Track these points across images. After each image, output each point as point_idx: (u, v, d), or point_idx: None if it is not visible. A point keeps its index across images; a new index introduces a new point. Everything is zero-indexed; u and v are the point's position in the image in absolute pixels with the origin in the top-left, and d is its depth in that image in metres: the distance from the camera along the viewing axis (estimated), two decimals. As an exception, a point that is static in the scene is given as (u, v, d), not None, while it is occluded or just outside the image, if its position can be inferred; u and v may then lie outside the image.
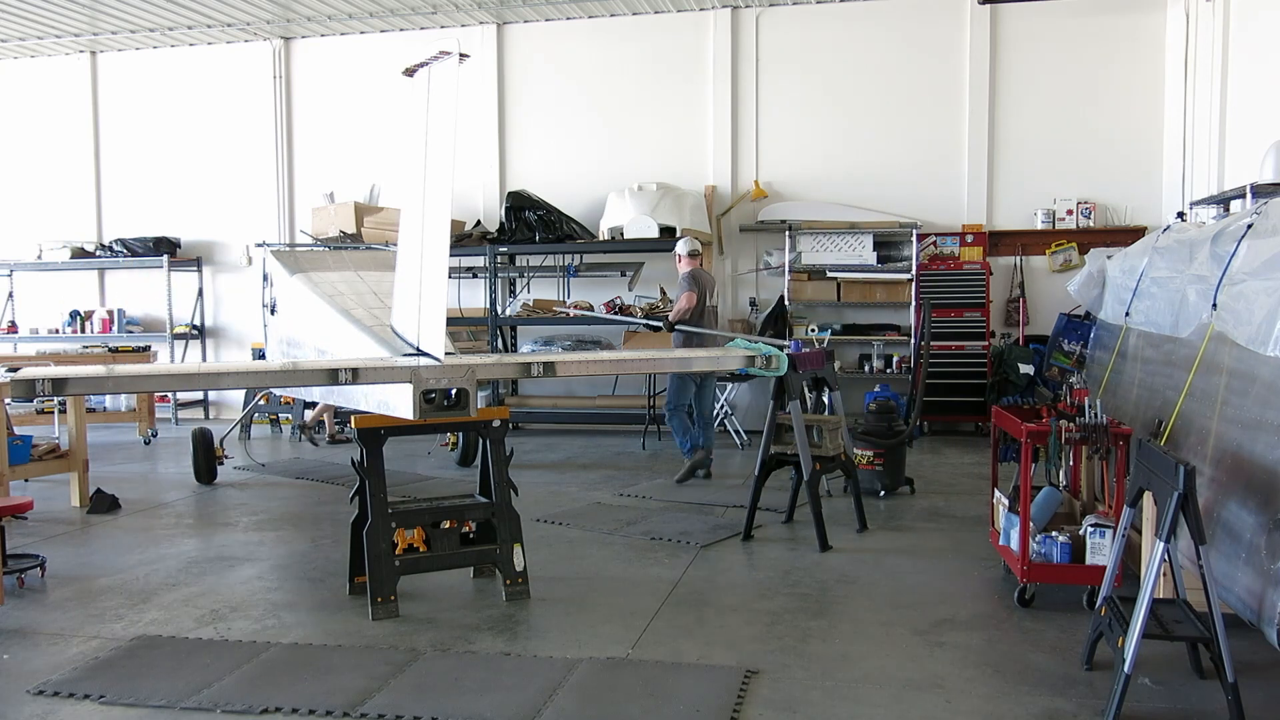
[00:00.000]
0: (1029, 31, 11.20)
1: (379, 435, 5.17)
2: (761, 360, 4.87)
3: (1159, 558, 3.79)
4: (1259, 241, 4.38)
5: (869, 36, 11.52)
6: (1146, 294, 6.42)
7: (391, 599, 5.06)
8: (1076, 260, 10.90)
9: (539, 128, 12.41)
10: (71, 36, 12.80)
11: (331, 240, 11.55)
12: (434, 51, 4.35)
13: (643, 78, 12.05)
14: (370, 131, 12.56)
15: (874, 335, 11.40)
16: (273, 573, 5.94)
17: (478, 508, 5.41)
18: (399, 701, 3.97)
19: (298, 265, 7.19)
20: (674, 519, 7.14)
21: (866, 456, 7.77)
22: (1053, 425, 5.11)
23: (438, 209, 4.32)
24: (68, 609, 5.25)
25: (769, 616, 5.03)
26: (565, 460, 9.93)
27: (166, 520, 7.40)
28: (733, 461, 9.72)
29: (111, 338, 12.94)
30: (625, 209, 11.11)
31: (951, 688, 4.10)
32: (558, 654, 4.49)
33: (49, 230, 13.44)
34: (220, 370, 6.94)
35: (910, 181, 11.43)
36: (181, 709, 3.94)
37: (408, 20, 12.18)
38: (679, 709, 3.89)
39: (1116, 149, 11.02)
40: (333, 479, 8.83)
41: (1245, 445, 4.18)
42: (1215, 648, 3.67)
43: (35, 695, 4.09)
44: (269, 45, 12.96)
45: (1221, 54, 9.43)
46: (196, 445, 8.73)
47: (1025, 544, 5.04)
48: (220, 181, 13.22)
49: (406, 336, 4.60)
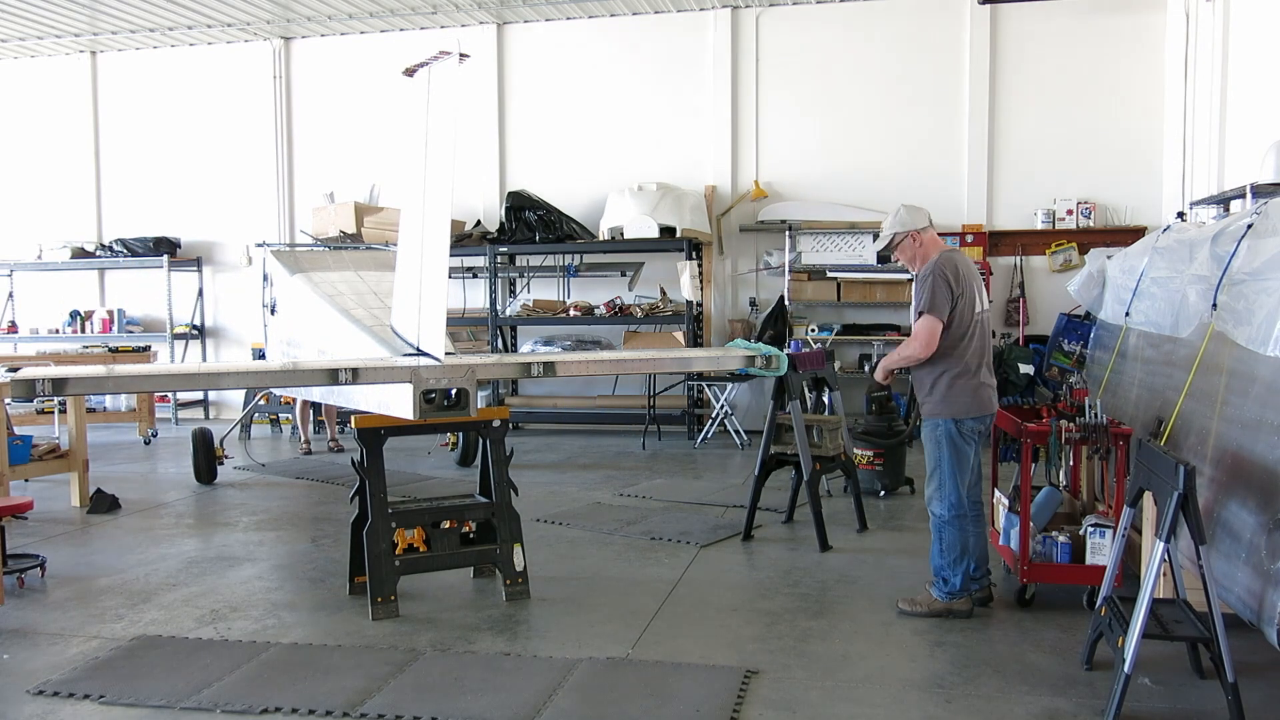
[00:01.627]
0: (1029, 31, 11.19)
1: (379, 435, 5.17)
2: (761, 360, 4.87)
3: (1159, 558, 3.79)
4: (1259, 241, 4.37)
5: (869, 36, 11.51)
6: (1146, 294, 6.42)
7: (391, 599, 5.06)
8: (1076, 260, 10.89)
9: (539, 127, 12.41)
10: (71, 36, 12.79)
11: (332, 240, 11.55)
12: (434, 51, 4.35)
13: (642, 78, 12.05)
14: (370, 131, 12.56)
15: (874, 335, 11.39)
16: (273, 573, 5.94)
17: (478, 508, 5.41)
18: (399, 701, 3.97)
19: (298, 265, 7.19)
20: (674, 519, 7.14)
21: (866, 456, 7.77)
22: (1053, 425, 5.11)
23: (438, 209, 4.32)
24: (68, 609, 5.25)
25: (769, 616, 5.03)
26: (565, 460, 9.94)
27: (166, 520, 7.40)
28: (733, 461, 9.72)
29: (111, 338, 12.94)
30: (625, 209, 11.11)
31: (951, 688, 4.10)
32: (558, 654, 4.49)
33: (49, 230, 13.44)
34: (220, 370, 6.95)
35: (910, 181, 11.41)
36: (181, 709, 3.95)
37: (408, 20, 12.17)
38: (679, 709, 3.89)
39: (1116, 149, 11.02)
40: (333, 479, 8.83)
41: (1245, 445, 4.17)
42: (1215, 648, 3.68)
43: (35, 695, 4.10)
44: (269, 45, 12.95)
45: (1221, 54, 9.42)
46: (197, 445, 8.72)
47: (1025, 544, 5.04)
48: (220, 181, 13.22)
49: (406, 336, 4.60)
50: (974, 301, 4.96)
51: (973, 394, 4.92)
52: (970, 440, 4.94)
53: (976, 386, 4.93)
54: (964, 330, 4.90)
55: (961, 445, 4.91)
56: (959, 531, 4.90)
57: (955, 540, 4.90)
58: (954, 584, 4.92)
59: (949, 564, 4.92)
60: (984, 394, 4.97)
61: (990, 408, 5.03)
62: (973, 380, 4.92)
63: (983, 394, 4.96)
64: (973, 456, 4.98)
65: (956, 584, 4.91)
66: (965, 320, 4.91)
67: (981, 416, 4.97)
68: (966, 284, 4.93)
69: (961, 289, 4.88)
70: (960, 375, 4.90)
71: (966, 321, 4.91)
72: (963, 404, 4.90)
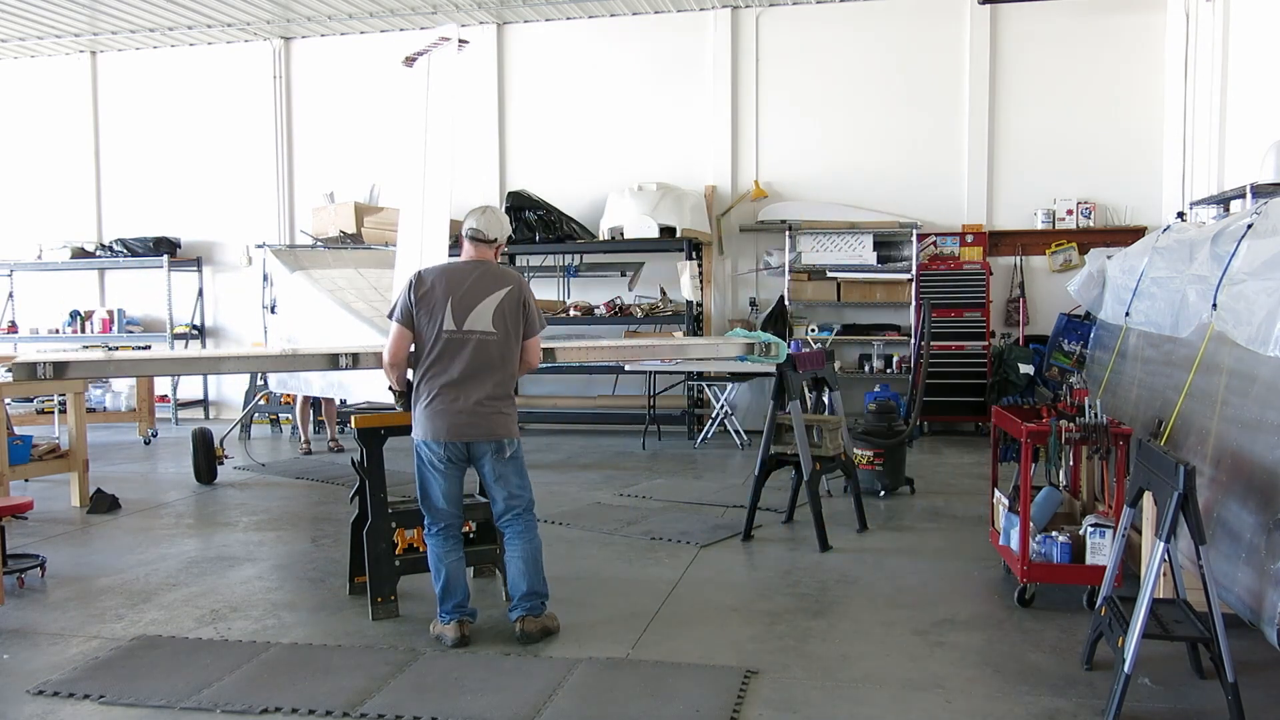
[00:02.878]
0: (1029, 31, 11.19)
1: (379, 435, 5.16)
2: (760, 347, 4.87)
3: (1159, 558, 3.79)
4: (1259, 241, 4.38)
5: (869, 36, 11.51)
6: (1146, 294, 6.42)
7: (391, 599, 5.06)
8: (1076, 260, 10.89)
9: (539, 128, 12.41)
10: (71, 36, 12.79)
11: (332, 241, 11.55)
12: (433, 39, 4.34)
13: (642, 78, 12.05)
14: (370, 131, 12.56)
15: (874, 335, 11.40)
16: (273, 573, 5.94)
17: (478, 508, 5.40)
18: (399, 701, 3.97)
19: (298, 263, 7.20)
20: (674, 519, 7.14)
21: (866, 456, 7.77)
22: (1053, 425, 5.11)
23: (437, 195, 4.32)
24: (68, 609, 5.25)
25: (769, 616, 5.02)
26: (565, 460, 9.93)
27: (166, 520, 7.40)
28: (733, 461, 9.72)
29: (111, 338, 12.94)
30: (625, 209, 11.11)
31: (951, 688, 4.10)
32: (558, 654, 4.49)
33: (49, 230, 13.44)
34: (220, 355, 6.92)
35: (910, 181, 11.43)
36: (181, 709, 3.94)
37: (408, 20, 12.18)
38: (679, 709, 3.88)
39: (1116, 149, 11.02)
40: (333, 479, 8.83)
41: (1245, 445, 4.18)
42: (1215, 648, 3.67)
43: (35, 695, 4.09)
44: (269, 45, 12.95)
45: (1221, 54, 9.43)
46: (197, 445, 8.72)
47: (1025, 544, 5.04)
48: (220, 181, 13.22)
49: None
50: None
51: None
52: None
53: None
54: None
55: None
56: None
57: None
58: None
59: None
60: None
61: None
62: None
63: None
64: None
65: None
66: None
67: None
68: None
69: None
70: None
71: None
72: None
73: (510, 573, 4.71)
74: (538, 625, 4.65)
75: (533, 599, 4.67)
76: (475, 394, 4.48)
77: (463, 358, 4.47)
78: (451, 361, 4.47)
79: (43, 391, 10.08)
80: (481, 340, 4.49)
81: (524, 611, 4.64)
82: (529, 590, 4.66)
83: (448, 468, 4.58)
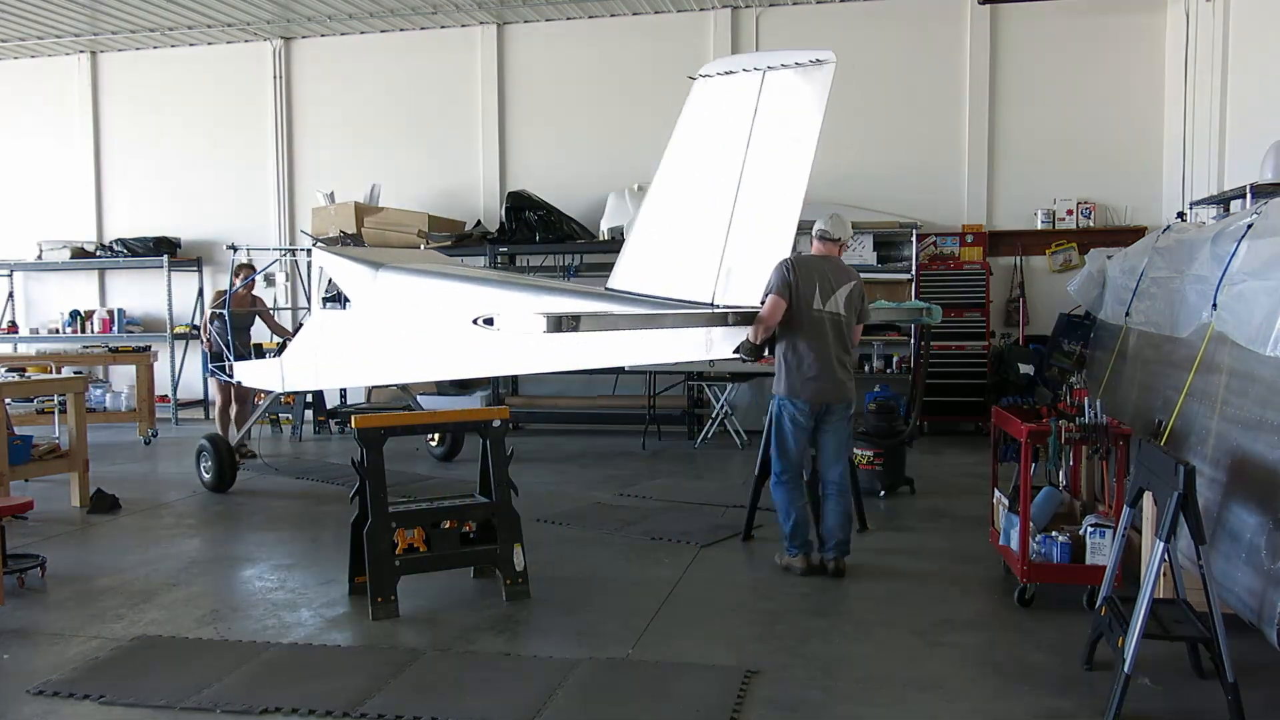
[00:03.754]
0: (1029, 31, 11.19)
1: (379, 435, 5.17)
2: (921, 312, 6.52)
3: (1159, 558, 3.79)
4: (1259, 241, 4.38)
5: (869, 37, 11.50)
6: (1146, 294, 6.43)
7: (391, 599, 5.06)
8: (1076, 260, 10.89)
9: (539, 128, 12.41)
10: (71, 36, 12.79)
11: (332, 241, 11.54)
12: (806, 58, 5.35)
13: (643, 78, 12.03)
14: (370, 131, 12.56)
15: (874, 335, 11.38)
16: (273, 573, 5.94)
17: (478, 508, 5.41)
18: (399, 701, 3.97)
19: (377, 261, 7.14)
20: (674, 519, 7.14)
21: (866, 456, 7.76)
22: (1053, 425, 5.11)
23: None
24: (68, 609, 5.25)
25: (769, 616, 5.03)
26: (566, 460, 9.93)
27: (167, 520, 7.40)
28: (733, 461, 9.72)
29: (111, 338, 12.94)
30: (625, 209, 11.11)
31: (951, 688, 4.10)
32: (558, 654, 4.49)
33: (49, 230, 13.43)
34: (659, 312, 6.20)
35: (910, 181, 11.42)
36: (181, 709, 3.95)
37: (408, 20, 12.18)
38: (679, 709, 3.89)
39: (1116, 149, 11.02)
40: (333, 479, 8.83)
41: (1245, 445, 4.18)
42: (1215, 648, 3.68)
43: (35, 695, 4.10)
44: (269, 45, 12.95)
45: (1221, 54, 9.42)
46: (221, 453, 8.31)
47: (1025, 544, 5.04)
48: (220, 181, 13.21)
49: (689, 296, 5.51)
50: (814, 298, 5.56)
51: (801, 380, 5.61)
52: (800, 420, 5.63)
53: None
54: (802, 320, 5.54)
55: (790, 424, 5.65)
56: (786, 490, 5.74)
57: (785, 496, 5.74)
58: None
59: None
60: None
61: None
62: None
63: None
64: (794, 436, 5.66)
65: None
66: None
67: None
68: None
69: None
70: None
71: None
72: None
73: (829, 522, 5.69)
74: (844, 565, 5.66)
75: (844, 546, 5.69)
76: (832, 364, 5.56)
77: (824, 332, 5.54)
78: (816, 334, 5.53)
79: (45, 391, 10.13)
80: (836, 319, 5.58)
81: (837, 554, 5.66)
82: (845, 538, 5.69)
83: (806, 422, 5.61)
